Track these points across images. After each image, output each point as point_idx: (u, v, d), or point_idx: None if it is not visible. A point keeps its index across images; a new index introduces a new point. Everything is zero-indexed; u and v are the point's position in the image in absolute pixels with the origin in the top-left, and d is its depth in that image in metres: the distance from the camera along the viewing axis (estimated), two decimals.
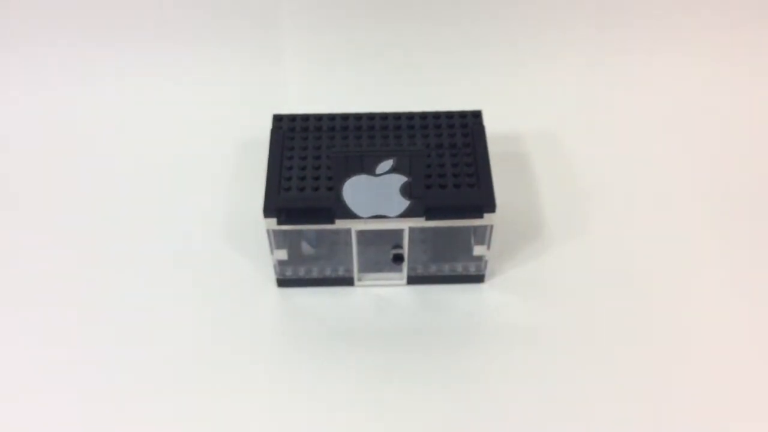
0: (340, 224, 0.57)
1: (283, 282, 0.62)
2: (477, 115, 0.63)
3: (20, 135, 0.75)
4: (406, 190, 0.54)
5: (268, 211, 0.56)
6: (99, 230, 0.66)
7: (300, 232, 0.61)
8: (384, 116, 0.63)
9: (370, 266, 0.62)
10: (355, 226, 0.57)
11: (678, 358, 0.57)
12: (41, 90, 0.77)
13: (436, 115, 0.63)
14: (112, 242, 0.65)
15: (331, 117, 0.63)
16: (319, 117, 0.63)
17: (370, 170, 0.53)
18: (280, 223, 0.56)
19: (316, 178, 0.58)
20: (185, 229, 0.66)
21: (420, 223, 0.57)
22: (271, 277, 0.62)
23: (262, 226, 0.58)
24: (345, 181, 0.54)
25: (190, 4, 0.76)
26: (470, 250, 0.61)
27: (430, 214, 0.56)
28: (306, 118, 0.63)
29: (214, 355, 0.58)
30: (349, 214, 0.56)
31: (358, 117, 0.63)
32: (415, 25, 0.77)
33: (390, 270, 0.62)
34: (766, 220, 0.66)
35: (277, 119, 0.63)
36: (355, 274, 0.61)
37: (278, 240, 0.59)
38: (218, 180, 0.70)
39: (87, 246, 0.65)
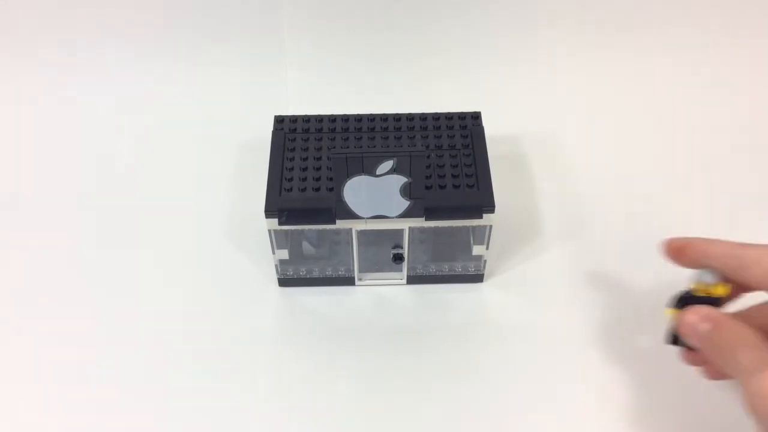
0: (341, 224, 0.57)
1: (284, 281, 0.62)
2: (476, 117, 0.63)
3: (22, 136, 0.75)
4: (406, 191, 0.55)
5: (269, 212, 0.57)
6: (101, 231, 0.67)
7: (301, 232, 0.61)
8: (384, 117, 0.63)
9: (371, 266, 0.62)
10: (355, 226, 0.58)
11: (677, 357, 0.57)
12: (43, 90, 0.78)
13: (436, 117, 0.63)
14: (114, 242, 0.66)
15: (332, 118, 0.63)
16: (320, 118, 0.63)
17: (370, 171, 0.53)
18: (281, 223, 0.57)
19: (317, 179, 0.58)
20: (187, 230, 0.67)
21: (420, 223, 0.57)
22: (273, 276, 0.62)
23: (263, 226, 0.58)
24: (346, 182, 0.54)
25: (192, 6, 0.76)
26: (469, 249, 0.61)
27: (429, 215, 0.57)
28: (307, 119, 0.63)
29: (216, 353, 0.58)
30: (350, 215, 0.56)
31: (358, 118, 0.63)
32: (416, 28, 0.78)
33: (390, 269, 0.62)
34: (766, 221, 0.67)
35: (279, 120, 0.63)
36: (356, 274, 0.62)
37: (279, 240, 0.59)
38: (220, 181, 0.71)
39: (88, 247, 0.66)
